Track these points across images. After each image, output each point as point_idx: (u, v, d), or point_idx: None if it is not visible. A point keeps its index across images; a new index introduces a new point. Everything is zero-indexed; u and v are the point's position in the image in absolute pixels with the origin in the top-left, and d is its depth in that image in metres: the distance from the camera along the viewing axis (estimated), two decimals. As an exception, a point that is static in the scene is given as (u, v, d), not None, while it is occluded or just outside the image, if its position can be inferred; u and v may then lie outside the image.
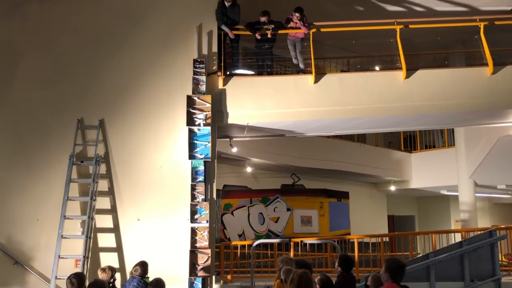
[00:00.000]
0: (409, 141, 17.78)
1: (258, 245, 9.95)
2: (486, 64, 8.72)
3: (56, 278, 7.31)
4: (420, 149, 17.28)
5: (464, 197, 14.56)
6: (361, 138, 16.83)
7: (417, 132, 17.05)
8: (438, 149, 16.63)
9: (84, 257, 7.45)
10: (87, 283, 5.21)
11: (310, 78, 8.72)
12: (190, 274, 7.66)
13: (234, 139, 10.18)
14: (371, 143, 17.17)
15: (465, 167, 14.41)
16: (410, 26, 9.14)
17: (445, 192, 17.60)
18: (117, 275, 7.20)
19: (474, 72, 8.86)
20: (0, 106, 8.61)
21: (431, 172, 16.44)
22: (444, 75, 8.88)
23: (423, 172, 16.84)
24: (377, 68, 12.02)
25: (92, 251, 7.85)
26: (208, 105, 8.26)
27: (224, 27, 8.87)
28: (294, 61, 9.43)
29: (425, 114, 8.90)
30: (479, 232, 9.73)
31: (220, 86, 8.74)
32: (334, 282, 6.41)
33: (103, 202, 8.17)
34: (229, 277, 9.09)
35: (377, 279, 5.45)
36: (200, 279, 7.68)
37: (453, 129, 15.15)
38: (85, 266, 7.45)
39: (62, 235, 7.60)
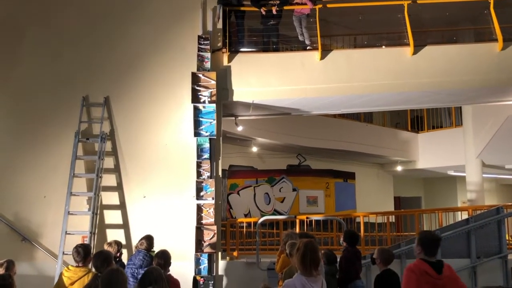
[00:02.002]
0: (416, 122, 17.62)
1: (264, 224, 9.96)
2: (496, 40, 8.55)
3: (63, 253, 7.37)
4: (428, 129, 17.13)
5: (472, 177, 14.48)
6: (367, 118, 16.70)
7: (424, 112, 16.89)
8: (446, 129, 16.50)
9: (90, 233, 7.51)
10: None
11: (316, 54, 8.61)
12: (196, 251, 7.71)
13: (239, 117, 10.12)
14: (378, 123, 17.04)
15: (472, 146, 14.29)
16: (418, 1, 8.98)
17: (452, 173, 17.50)
18: (124, 252, 7.26)
19: (483, 48, 8.68)
20: (5, 84, 8.63)
21: (438, 152, 16.32)
22: (452, 51, 8.72)
23: (430, 152, 16.72)
24: (383, 46, 11.82)
25: (99, 227, 7.90)
26: (213, 82, 8.20)
27: (218, 8, 8.69)
28: (300, 38, 9.30)
29: (433, 91, 8.78)
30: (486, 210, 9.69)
31: (225, 63, 8.66)
32: (339, 258, 6.46)
33: (109, 179, 8.21)
34: (235, 253, 9.13)
35: (384, 252, 5.45)
36: (206, 255, 7.73)
37: (460, 109, 14.98)
38: (92, 242, 7.51)
39: (69, 212, 7.66)
